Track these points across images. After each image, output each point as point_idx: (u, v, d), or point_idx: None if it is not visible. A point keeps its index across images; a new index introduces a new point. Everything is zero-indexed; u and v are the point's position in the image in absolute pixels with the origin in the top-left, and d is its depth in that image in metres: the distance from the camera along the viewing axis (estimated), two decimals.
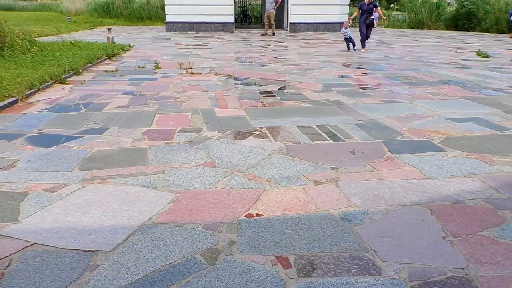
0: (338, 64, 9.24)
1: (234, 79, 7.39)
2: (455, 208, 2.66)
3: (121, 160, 3.44)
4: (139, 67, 8.47)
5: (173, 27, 18.73)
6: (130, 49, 11.66)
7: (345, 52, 11.76)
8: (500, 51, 12.02)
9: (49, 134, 4.10)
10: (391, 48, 12.80)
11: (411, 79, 7.48)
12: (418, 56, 10.85)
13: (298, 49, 12.46)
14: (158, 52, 11.13)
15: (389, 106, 5.43)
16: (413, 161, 3.48)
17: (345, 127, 4.47)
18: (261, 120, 4.71)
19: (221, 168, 3.29)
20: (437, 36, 17.81)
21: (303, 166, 3.35)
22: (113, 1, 30.58)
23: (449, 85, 6.85)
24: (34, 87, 5.81)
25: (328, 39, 15.85)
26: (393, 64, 9.38)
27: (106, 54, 9.61)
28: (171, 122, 4.57)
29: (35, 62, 7.45)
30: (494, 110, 5.17)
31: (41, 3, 49.74)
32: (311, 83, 7.03)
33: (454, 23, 22.92)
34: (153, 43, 13.78)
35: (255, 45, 13.56)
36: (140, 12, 28.74)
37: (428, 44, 14.29)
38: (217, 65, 8.91)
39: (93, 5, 31.61)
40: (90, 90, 6.16)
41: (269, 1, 16.36)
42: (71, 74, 7.19)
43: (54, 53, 8.77)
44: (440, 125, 4.53)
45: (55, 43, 10.60)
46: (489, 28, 20.23)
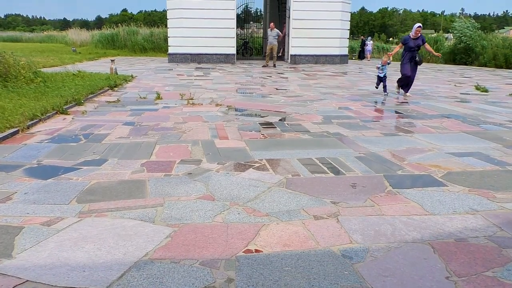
0: (338, 96, 9.32)
1: (234, 110, 7.43)
2: (458, 246, 2.60)
3: (120, 192, 3.41)
4: (141, 97, 8.55)
5: (176, 58, 19.04)
6: (132, 80, 11.80)
7: (345, 83, 11.88)
8: (498, 86, 12.15)
9: (48, 165, 4.08)
10: (391, 81, 12.94)
11: (411, 112, 7.52)
12: (418, 89, 10.96)
13: (299, 80, 12.61)
14: (160, 83, 11.26)
15: (389, 139, 5.43)
16: (414, 196, 3.44)
17: (346, 160, 4.45)
18: (261, 152, 4.70)
19: (220, 201, 3.25)
20: (436, 70, 18.06)
21: (303, 200, 3.31)
22: (118, 32, 31.26)
23: (449, 119, 6.88)
24: (35, 117, 5.83)
25: (328, 71, 16.06)
26: (392, 97, 9.46)
27: (108, 85, 9.71)
28: (171, 154, 4.56)
29: (38, 93, 7.52)
30: (495, 145, 5.16)
31: (47, 34, 50.83)
32: (311, 114, 7.06)
33: (453, 57, 23.30)
34: (155, 73, 13.97)
35: (256, 76, 13.74)
36: (144, 44, 29.29)
37: (427, 77, 14.47)
38: (218, 96, 8.99)
39: (98, 36, 32.30)
40: (91, 121, 6.18)
41: (272, 34, 16.69)
42: (73, 104, 7.24)
43: (57, 84, 8.87)
44: (441, 159, 4.51)
45: (59, 74, 10.75)
46: (487, 62, 20.55)
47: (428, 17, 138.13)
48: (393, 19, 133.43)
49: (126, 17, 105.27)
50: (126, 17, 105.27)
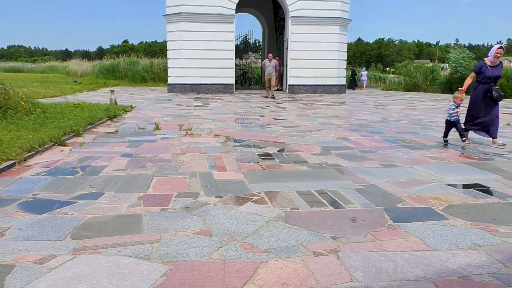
0: (336, 126, 9.35)
1: (233, 140, 7.43)
2: (462, 284, 2.53)
3: (115, 227, 3.34)
4: (139, 128, 8.56)
5: (175, 88, 19.21)
6: (131, 110, 11.86)
7: (343, 113, 11.93)
8: None
9: (43, 199, 4.02)
10: (388, 111, 13.03)
11: (409, 142, 7.52)
12: (416, 119, 11.02)
13: (297, 110, 12.68)
14: (159, 113, 11.31)
15: (389, 170, 5.40)
16: (415, 230, 3.38)
17: (345, 192, 4.40)
18: (260, 184, 4.66)
19: (218, 237, 3.18)
20: (432, 99, 18.23)
21: (302, 235, 3.25)
22: (118, 63, 31.74)
23: (448, 149, 6.87)
24: (33, 149, 5.81)
25: (326, 101, 16.19)
26: (391, 126, 9.49)
27: (107, 115, 9.75)
28: (168, 186, 4.51)
29: (36, 124, 7.52)
30: (495, 176, 5.13)
31: (49, 65, 51.52)
32: (310, 145, 7.05)
33: (449, 87, 23.57)
34: (154, 104, 14.06)
35: (255, 106, 13.83)
36: (144, 74, 29.66)
37: (424, 107, 14.58)
38: (217, 127, 9.01)
39: (99, 67, 32.77)
40: (89, 152, 6.16)
41: (271, 65, 16.86)
42: (72, 136, 7.23)
43: (56, 115, 8.90)
44: (441, 191, 4.47)
45: (58, 105, 10.80)
46: None
47: (424, 47, 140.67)
48: (389, 49, 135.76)
49: (127, 47, 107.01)
50: (127, 47, 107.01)
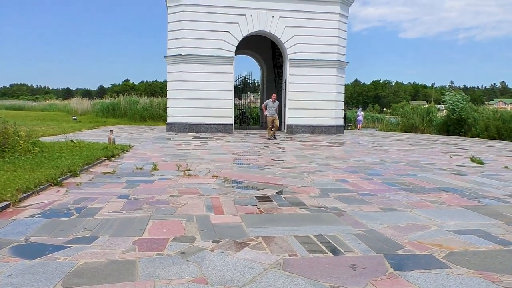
0: (335, 168, 9.33)
1: (231, 182, 7.38)
2: None
3: (108, 274, 3.24)
4: (137, 168, 8.52)
5: (174, 128, 19.34)
6: (130, 149, 11.87)
7: (342, 154, 11.95)
8: (493, 158, 12.25)
9: (36, 243, 3.93)
10: (386, 152, 13.07)
11: (408, 185, 7.48)
12: (414, 160, 11.03)
13: (295, 151, 12.70)
14: (157, 153, 11.31)
15: (388, 214, 5.34)
16: (417, 279, 3.29)
17: (344, 238, 4.32)
18: (257, 228, 4.58)
19: (213, 286, 3.09)
20: (430, 141, 18.33)
21: (301, 284, 3.15)
22: (118, 102, 32.13)
23: (447, 193, 6.82)
24: (29, 190, 5.75)
25: (325, 141, 16.26)
26: (389, 168, 9.48)
27: (105, 155, 9.73)
28: (164, 230, 4.43)
29: (34, 164, 7.49)
30: (496, 222, 5.06)
31: (50, 103, 52.13)
32: (308, 187, 7.01)
33: (446, 128, 23.79)
34: (153, 143, 14.10)
35: (253, 146, 13.87)
36: (143, 113, 29.96)
37: (422, 148, 14.64)
38: (215, 167, 8.98)
39: (99, 106, 33.15)
40: (85, 194, 6.09)
41: (274, 106, 16.62)
42: (69, 176, 7.19)
43: (54, 154, 8.88)
44: (441, 237, 4.39)
45: (57, 143, 10.82)
46: (479, 133, 20.94)
47: (419, 89, 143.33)
48: (385, 90, 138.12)
49: (128, 87, 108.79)
50: (128, 87, 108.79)
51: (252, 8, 19.38)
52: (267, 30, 19.70)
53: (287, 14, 19.64)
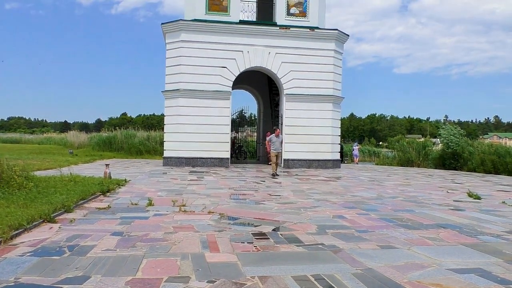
0: (332, 203, 9.26)
1: (227, 218, 7.29)
2: None
3: None
4: (132, 204, 8.43)
5: (170, 162, 19.29)
6: (125, 184, 11.78)
7: (339, 189, 11.89)
8: (490, 192, 12.22)
9: (25, 283, 3.82)
10: (383, 187, 13.03)
11: (406, 221, 7.41)
12: (411, 195, 10.98)
13: (292, 186, 12.64)
14: (153, 188, 11.22)
15: (387, 252, 5.25)
16: None
17: (342, 277, 4.23)
18: (254, 267, 4.48)
19: None
20: (426, 175, 18.33)
21: None
22: (115, 135, 32.17)
23: (445, 229, 6.75)
24: (21, 227, 5.65)
25: (321, 176, 16.23)
26: (386, 204, 9.41)
27: (100, 190, 9.64)
28: (158, 269, 4.33)
29: (27, 200, 7.40)
30: (495, 260, 4.99)
31: (47, 136, 52.17)
32: (305, 223, 6.92)
33: (442, 162, 23.85)
34: (149, 177, 14.02)
35: (250, 181, 13.80)
36: (140, 147, 29.97)
37: (419, 183, 14.62)
38: (211, 203, 8.90)
39: (96, 139, 33.15)
40: (78, 230, 5.99)
41: (278, 140, 16.20)
42: (62, 211, 7.09)
43: (49, 189, 8.79)
44: (441, 277, 4.31)
45: (52, 178, 10.73)
46: (475, 168, 20.99)
47: (415, 123, 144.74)
48: (381, 124, 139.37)
49: (125, 120, 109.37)
50: (125, 120, 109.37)
51: (249, 44, 19.78)
52: (264, 65, 20.05)
53: (283, 50, 20.05)
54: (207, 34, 19.48)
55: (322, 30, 20.49)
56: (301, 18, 20.60)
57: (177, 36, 19.51)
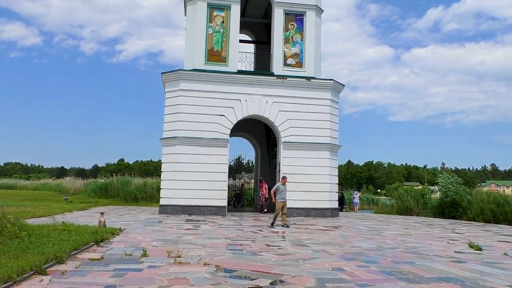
0: (330, 254, 9.06)
1: (223, 270, 7.10)
2: None
3: None
4: (126, 254, 8.22)
5: (166, 210, 19.05)
6: (120, 233, 11.56)
7: (337, 239, 11.68)
8: (491, 243, 12.02)
9: None
10: (383, 237, 12.82)
11: (407, 274, 7.22)
12: (411, 246, 10.78)
13: (290, 235, 12.43)
14: (148, 237, 11.00)
15: None
16: None
17: None
18: None
19: None
20: (426, 224, 18.10)
21: None
22: (111, 182, 32.04)
23: (447, 283, 6.57)
24: (10, 279, 5.47)
25: (320, 225, 16.00)
26: (386, 255, 9.21)
27: (94, 240, 9.44)
28: None
29: (19, 250, 7.22)
30: None
31: (42, 182, 51.82)
32: (304, 276, 6.74)
33: (441, 211, 23.65)
34: (144, 226, 13.78)
35: (247, 230, 13.58)
36: (136, 194, 29.76)
37: (418, 232, 14.40)
38: (207, 253, 8.70)
39: (92, 186, 32.97)
40: (69, 283, 5.79)
41: (285, 189, 15.72)
42: (54, 263, 6.90)
43: (42, 239, 8.61)
44: None
45: (45, 226, 10.55)
46: (475, 217, 20.77)
47: (412, 170, 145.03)
48: (378, 171, 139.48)
49: (122, 166, 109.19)
50: (122, 166, 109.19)
51: (247, 93, 20.16)
52: (261, 114, 20.33)
53: (280, 99, 20.41)
54: (205, 83, 19.90)
55: (318, 80, 20.98)
56: (298, 68, 21.16)
57: (176, 85, 19.90)
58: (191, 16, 21.02)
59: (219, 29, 20.73)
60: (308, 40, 21.38)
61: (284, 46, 21.22)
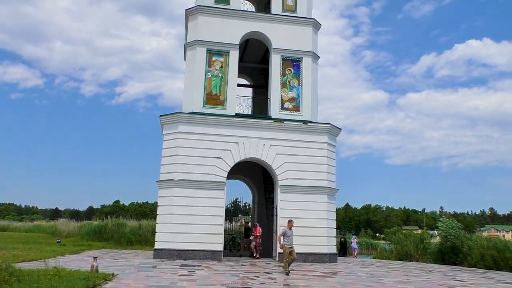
0: None
1: None
2: None
3: None
4: None
5: (161, 254, 18.63)
6: (113, 279, 11.23)
7: (335, 287, 11.36)
8: None
9: None
10: (382, 284, 12.50)
11: None
12: None
13: (287, 282, 12.10)
14: (141, 283, 10.70)
15: None
16: None
17: None
18: None
19: None
20: (426, 271, 17.71)
21: None
22: (106, 224, 31.56)
23: None
24: None
25: (318, 271, 15.63)
26: None
27: (86, 286, 9.18)
28: None
29: None
30: None
31: (35, 224, 50.99)
32: None
33: (441, 256, 23.24)
34: (138, 271, 13.43)
35: (243, 276, 13.25)
36: (130, 237, 29.26)
37: (419, 280, 14.07)
38: None
39: (86, 228, 32.39)
40: None
41: (292, 234, 15.11)
42: None
43: (32, 285, 8.37)
44: None
45: (36, 272, 10.26)
46: (476, 263, 20.39)
47: (411, 214, 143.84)
48: (377, 215, 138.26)
49: (117, 208, 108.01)
50: (117, 208, 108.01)
51: (244, 136, 20.29)
52: (259, 157, 20.37)
53: (278, 142, 20.52)
54: (204, 126, 20.06)
55: (315, 124, 21.21)
56: (295, 112, 21.45)
57: (174, 128, 20.05)
58: (191, 61, 21.53)
59: (218, 73, 21.19)
60: (305, 85, 21.81)
61: (282, 90, 21.62)
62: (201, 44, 21.21)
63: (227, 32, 21.53)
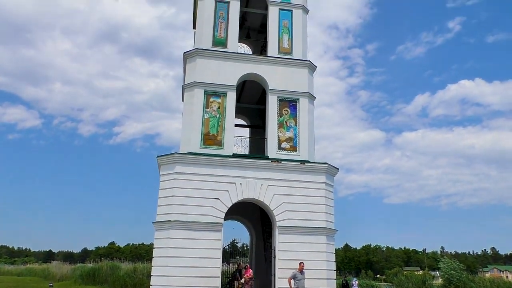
0: None
1: None
2: None
3: None
4: None
5: None
6: None
7: None
8: None
9: None
10: None
11: None
12: None
13: None
14: None
15: None
16: None
17: None
18: None
19: None
20: None
21: None
22: (100, 267, 30.81)
23: None
24: None
25: None
26: None
27: None
28: None
29: None
30: None
31: (28, 267, 49.70)
32: None
33: None
34: None
35: None
36: (125, 280, 28.46)
37: None
38: None
39: (79, 271, 31.59)
40: None
41: (303, 277, 14.54)
42: None
43: None
44: None
45: None
46: None
47: (411, 254, 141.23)
48: (377, 256, 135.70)
49: (112, 249, 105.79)
50: (112, 249, 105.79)
51: (242, 177, 20.19)
52: (256, 197, 20.18)
53: (275, 182, 20.40)
54: (201, 166, 19.99)
55: (313, 164, 21.17)
56: (292, 152, 21.48)
57: (171, 168, 19.96)
58: (188, 102, 21.75)
59: (215, 114, 21.37)
60: (302, 125, 21.97)
61: (279, 130, 21.75)
62: (199, 85, 21.51)
63: (225, 74, 21.92)
